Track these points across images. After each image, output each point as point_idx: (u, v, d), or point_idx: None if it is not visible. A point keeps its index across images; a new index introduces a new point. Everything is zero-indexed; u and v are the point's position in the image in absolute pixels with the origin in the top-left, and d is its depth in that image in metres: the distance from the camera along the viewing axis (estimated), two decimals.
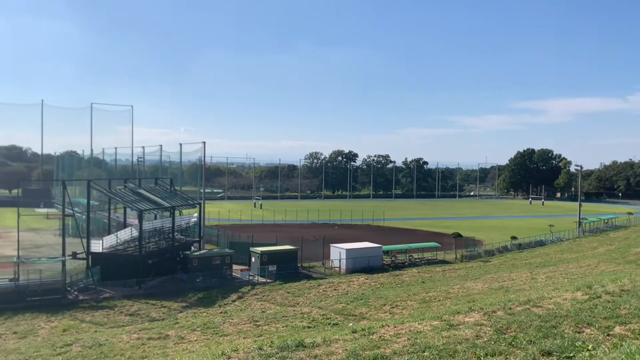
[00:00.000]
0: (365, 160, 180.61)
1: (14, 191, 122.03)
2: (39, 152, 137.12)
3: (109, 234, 46.25)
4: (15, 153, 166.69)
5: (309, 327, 29.91)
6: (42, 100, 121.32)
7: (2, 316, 31.37)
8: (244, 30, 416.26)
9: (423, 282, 43.31)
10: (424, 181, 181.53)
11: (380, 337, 9.48)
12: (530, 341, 8.42)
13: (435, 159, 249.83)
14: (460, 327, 9.75)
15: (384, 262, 50.72)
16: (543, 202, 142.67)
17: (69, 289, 36.71)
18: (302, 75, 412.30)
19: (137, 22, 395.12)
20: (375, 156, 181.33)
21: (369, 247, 50.73)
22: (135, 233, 43.35)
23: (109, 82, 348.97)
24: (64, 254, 39.39)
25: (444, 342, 8.66)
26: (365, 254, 48.87)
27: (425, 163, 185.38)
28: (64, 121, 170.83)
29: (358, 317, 31.71)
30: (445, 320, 10.45)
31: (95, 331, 29.38)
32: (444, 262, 53.62)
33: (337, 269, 47.24)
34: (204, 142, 55.58)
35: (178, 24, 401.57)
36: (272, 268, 43.59)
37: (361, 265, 47.46)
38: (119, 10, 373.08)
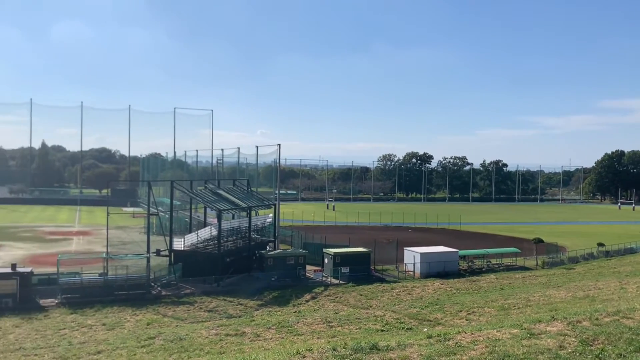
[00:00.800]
0: (441, 162, 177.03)
1: (104, 191, 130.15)
2: (127, 155, 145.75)
3: (190, 232, 48.23)
4: (105, 155, 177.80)
5: (382, 330, 29.71)
6: (130, 106, 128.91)
7: (92, 308, 33.45)
8: (318, 33, 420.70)
9: (501, 288, 41.82)
10: (503, 184, 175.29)
11: (456, 343, 9.26)
12: (620, 354, 7.92)
13: (515, 161, 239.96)
14: (542, 336, 9.34)
15: (460, 267, 49.43)
16: (634, 207, 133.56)
17: (152, 284, 38.60)
18: (376, 76, 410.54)
19: (217, 30, 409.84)
20: (451, 158, 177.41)
21: (445, 252, 49.64)
22: (215, 232, 44.91)
23: (191, 88, 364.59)
24: (148, 251, 41.54)
25: (524, 351, 8.33)
26: (441, 258, 47.86)
27: (505, 165, 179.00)
28: (150, 125, 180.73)
29: (433, 323, 31.11)
30: (525, 329, 10.04)
31: (177, 326, 30.68)
32: (523, 268, 51.48)
33: (411, 273, 46.60)
34: (279, 145, 56.79)
35: (255, 30, 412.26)
36: (345, 270, 43.69)
37: (436, 270, 46.53)
38: (201, 19, 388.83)
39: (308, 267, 45.32)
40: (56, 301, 34.70)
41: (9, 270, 35.21)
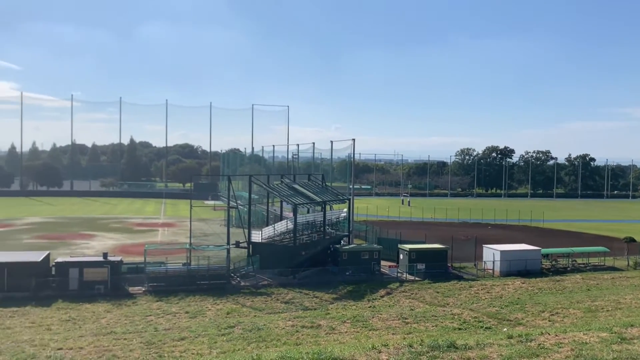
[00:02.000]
0: (523, 156, 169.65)
1: (187, 185, 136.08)
2: (208, 150, 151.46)
3: (267, 225, 49.41)
4: (188, 151, 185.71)
5: (459, 328, 29.08)
6: (211, 103, 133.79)
7: (176, 296, 35.12)
8: (394, 27, 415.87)
9: (588, 289, 39.65)
10: (590, 179, 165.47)
11: (539, 345, 8.90)
12: None
13: (604, 155, 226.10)
14: (635, 341, 8.77)
15: (543, 266, 47.29)
16: None
17: (232, 275, 39.94)
18: (454, 69, 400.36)
19: (294, 27, 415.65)
20: (534, 152, 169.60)
21: (526, 250, 47.67)
22: (290, 225, 45.73)
23: (268, 84, 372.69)
24: (228, 243, 43.01)
25: (614, 356, 7.86)
26: (522, 256, 46.02)
27: (592, 160, 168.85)
28: (229, 121, 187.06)
29: (513, 323, 30.05)
30: (616, 333, 9.47)
31: (255, 316, 31.60)
32: (613, 268, 48.45)
33: (490, 271, 45.16)
34: (354, 140, 56.80)
35: (331, 26, 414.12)
36: (421, 266, 43.07)
37: (517, 269, 44.81)
38: (278, 17, 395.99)
39: (383, 263, 45.11)
40: (143, 289, 36.74)
41: (101, 258, 37.71)
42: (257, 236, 45.19)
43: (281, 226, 47.48)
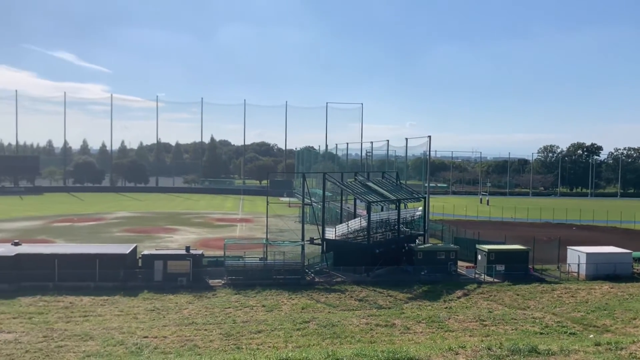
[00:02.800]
0: (612, 153, 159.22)
1: (263, 182, 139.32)
2: (283, 148, 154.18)
3: (340, 222, 49.64)
4: (264, 149, 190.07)
5: (541, 333, 27.89)
6: (286, 102, 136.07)
7: (253, 290, 36.09)
8: (471, 19, 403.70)
9: None
10: None
11: (630, 354, 8.36)
12: None
13: None
14: None
15: (635, 270, 44.24)
16: None
17: (306, 271, 40.50)
18: (537, 61, 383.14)
19: (368, 25, 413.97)
20: (624, 149, 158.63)
21: (615, 253, 44.82)
22: (364, 223, 45.67)
23: (342, 82, 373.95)
24: (302, 239, 43.64)
25: None
26: (611, 259, 43.32)
27: None
28: (304, 119, 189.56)
29: (600, 329, 28.37)
30: None
31: (329, 312, 31.87)
32: None
33: (575, 274, 42.85)
34: (429, 136, 55.63)
35: (406, 21, 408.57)
36: (500, 267, 41.61)
37: (605, 272, 42.23)
38: (352, 15, 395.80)
39: (459, 263, 44.01)
40: (222, 282, 38.07)
41: (183, 252, 39.45)
42: (330, 233, 45.51)
43: (355, 224, 47.53)
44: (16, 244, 40.33)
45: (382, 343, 26.36)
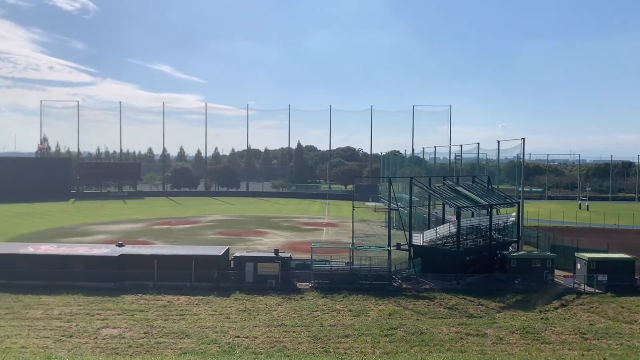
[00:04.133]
0: None
1: (349, 186, 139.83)
2: (369, 152, 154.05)
3: (428, 228, 48.63)
4: (349, 154, 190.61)
5: None
6: (372, 106, 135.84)
7: (340, 294, 36.23)
8: (568, 15, 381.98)
9: None
10: None
11: None
12: None
13: None
14: None
15: None
16: None
17: (393, 276, 40.06)
18: None
19: (456, 25, 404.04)
20: None
21: None
22: (453, 229, 44.47)
23: (430, 85, 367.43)
24: (389, 245, 43.24)
25: None
26: None
27: None
28: (389, 123, 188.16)
29: None
30: None
31: (417, 319, 31.30)
32: None
33: None
34: (523, 139, 53.18)
35: (495, 20, 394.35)
36: (602, 277, 38.86)
37: None
38: (438, 16, 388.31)
39: (556, 272, 41.63)
40: (309, 285, 38.57)
41: (273, 254, 40.45)
42: (418, 239, 44.74)
43: (444, 229, 46.38)
44: (120, 245, 43.26)
45: (473, 353, 25.52)
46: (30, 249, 41.80)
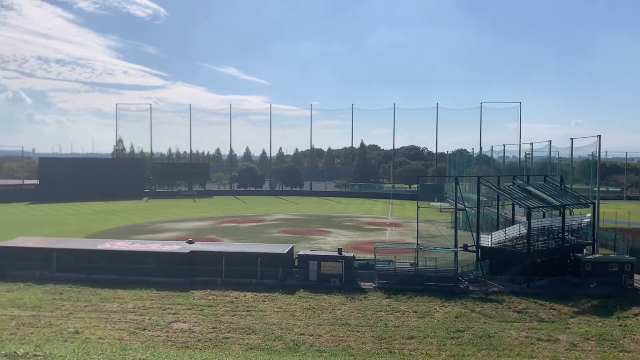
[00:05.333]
0: None
1: (413, 186, 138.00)
2: (434, 151, 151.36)
3: (497, 229, 47.17)
4: (414, 153, 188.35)
5: None
6: (437, 104, 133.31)
7: (404, 295, 35.82)
8: None
9: None
10: None
11: None
12: None
13: None
14: None
15: None
16: None
17: (460, 278, 39.16)
18: None
19: (524, 19, 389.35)
20: None
21: None
22: (524, 230, 42.90)
23: (498, 81, 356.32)
24: (456, 246, 42.30)
25: None
26: None
27: None
28: (456, 121, 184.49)
29: None
30: None
31: (485, 322, 30.45)
32: None
33: None
34: (599, 136, 50.48)
35: (568, 13, 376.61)
36: None
37: None
38: (506, 9, 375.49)
39: (636, 277, 39.27)
40: (373, 285, 38.39)
41: (336, 254, 40.58)
42: (486, 240, 43.48)
43: (513, 231, 44.84)
44: (190, 242, 44.81)
45: (545, 359, 24.54)
46: (107, 245, 44.10)
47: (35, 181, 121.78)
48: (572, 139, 63.83)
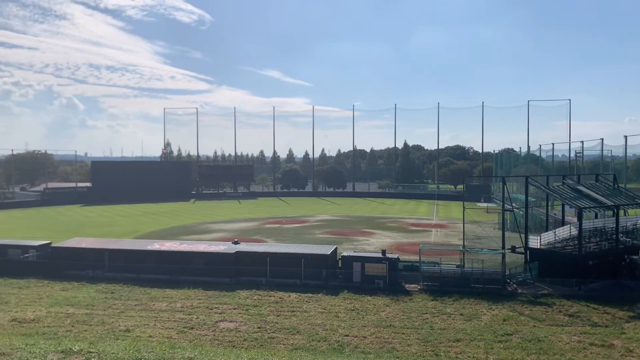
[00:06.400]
0: None
1: (459, 186, 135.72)
2: (480, 151, 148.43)
3: (546, 230, 45.85)
4: (459, 152, 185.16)
5: None
6: (483, 103, 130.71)
7: (450, 297, 35.27)
8: None
9: None
10: None
11: None
12: None
13: None
14: None
15: None
16: None
17: (508, 281, 38.24)
18: None
19: (574, 14, 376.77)
20: None
21: None
22: (574, 231, 41.53)
23: (546, 78, 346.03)
24: (503, 247, 41.33)
25: None
26: None
27: None
28: (502, 120, 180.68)
29: None
30: None
31: (534, 326, 29.63)
32: None
33: None
34: None
35: (616, 6, 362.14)
36: None
37: None
38: (554, 4, 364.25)
39: None
40: (418, 287, 37.98)
41: (380, 255, 40.36)
42: (535, 242, 42.31)
43: (563, 232, 43.48)
44: (236, 243, 45.53)
45: None
46: (156, 245, 45.34)
47: (88, 184, 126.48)
48: (625, 137, 61.42)
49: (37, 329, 28.87)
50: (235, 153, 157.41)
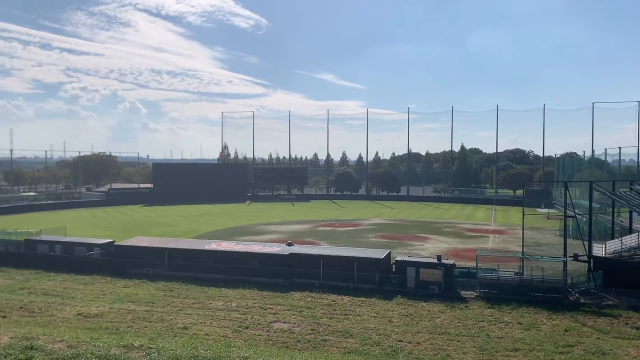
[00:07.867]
0: None
1: (518, 191, 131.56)
2: (540, 155, 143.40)
3: (612, 238, 43.76)
4: (518, 156, 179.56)
5: None
6: (544, 105, 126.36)
7: (508, 305, 34.21)
8: None
9: None
10: None
11: None
12: None
13: None
14: None
15: None
16: None
17: (569, 290, 36.73)
18: None
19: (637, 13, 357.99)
20: None
21: None
22: None
23: (613, 78, 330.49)
24: (565, 255, 39.72)
25: None
26: None
27: None
28: (564, 123, 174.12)
29: None
30: None
31: (598, 338, 28.30)
32: None
33: None
34: None
35: None
36: None
37: None
38: (618, 3, 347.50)
39: None
40: (474, 294, 37.06)
41: (435, 260, 39.68)
42: (599, 250, 40.44)
43: (631, 240, 41.38)
44: (289, 245, 45.98)
45: None
46: (213, 245, 46.44)
47: (150, 185, 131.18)
48: None
49: (100, 324, 30.18)
50: (290, 156, 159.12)
